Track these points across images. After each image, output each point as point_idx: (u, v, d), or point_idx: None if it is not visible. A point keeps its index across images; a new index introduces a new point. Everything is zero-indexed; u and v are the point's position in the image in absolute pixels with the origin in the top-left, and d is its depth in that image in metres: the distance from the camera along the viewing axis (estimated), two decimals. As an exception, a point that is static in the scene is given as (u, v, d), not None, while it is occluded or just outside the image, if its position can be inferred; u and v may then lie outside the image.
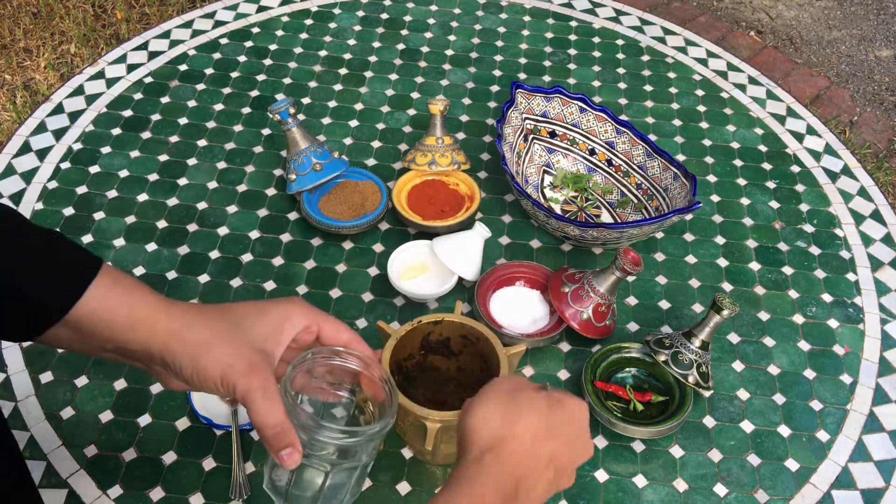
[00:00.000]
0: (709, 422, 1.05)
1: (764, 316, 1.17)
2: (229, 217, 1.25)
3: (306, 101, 1.46)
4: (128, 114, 1.41)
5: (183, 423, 1.01)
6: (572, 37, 1.63)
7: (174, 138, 1.37)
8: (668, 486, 0.99)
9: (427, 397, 0.95)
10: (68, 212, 1.24)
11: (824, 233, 1.29)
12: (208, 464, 0.97)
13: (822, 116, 1.55)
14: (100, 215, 1.24)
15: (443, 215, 1.24)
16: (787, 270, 1.23)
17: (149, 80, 1.48)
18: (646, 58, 1.59)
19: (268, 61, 1.53)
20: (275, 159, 1.35)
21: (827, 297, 1.20)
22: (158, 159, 1.33)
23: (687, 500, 0.98)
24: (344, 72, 1.52)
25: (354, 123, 1.42)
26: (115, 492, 0.94)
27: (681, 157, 1.40)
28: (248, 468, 0.97)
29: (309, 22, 1.62)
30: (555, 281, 1.12)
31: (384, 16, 1.65)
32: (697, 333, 1.03)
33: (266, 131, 1.39)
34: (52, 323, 0.60)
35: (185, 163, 1.33)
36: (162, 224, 1.24)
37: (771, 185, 1.36)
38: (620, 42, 1.62)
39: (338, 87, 1.49)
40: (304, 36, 1.59)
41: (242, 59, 1.53)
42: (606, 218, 1.27)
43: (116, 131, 1.38)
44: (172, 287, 1.15)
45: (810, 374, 1.11)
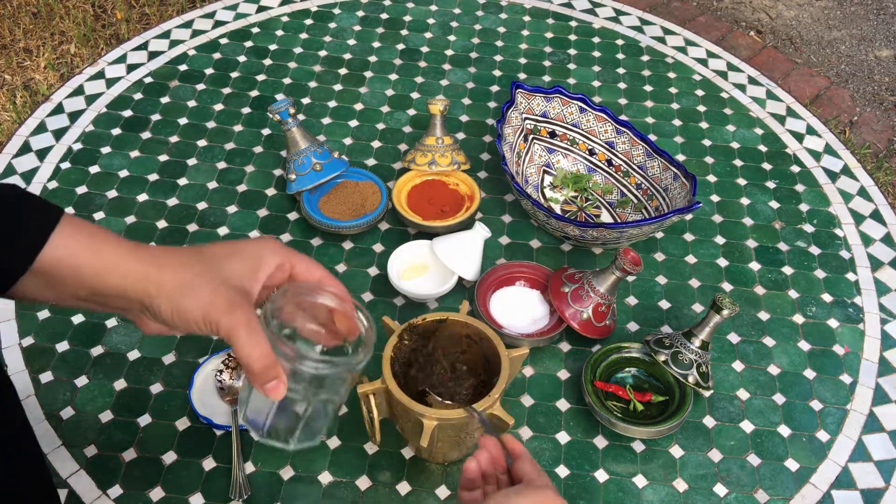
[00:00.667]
0: (709, 422, 1.05)
1: (764, 316, 1.17)
2: (229, 217, 1.25)
3: (306, 101, 1.46)
4: (128, 114, 1.41)
5: (183, 423, 1.01)
6: (572, 37, 1.63)
7: (174, 138, 1.37)
8: (668, 486, 0.99)
9: (432, 387, 0.95)
10: (68, 212, 1.24)
11: (824, 233, 1.29)
12: (208, 464, 0.98)
13: (822, 116, 1.55)
14: (100, 215, 1.24)
15: (443, 215, 1.24)
16: (787, 270, 1.23)
17: (149, 80, 1.48)
18: (646, 58, 1.59)
19: (268, 61, 1.53)
20: (275, 159, 1.35)
21: (827, 297, 1.20)
22: (158, 159, 1.33)
23: (687, 500, 0.98)
24: (344, 72, 1.52)
25: (354, 123, 1.42)
26: (115, 492, 0.94)
27: (681, 157, 1.40)
28: (248, 468, 0.97)
29: (309, 22, 1.62)
30: (555, 281, 1.12)
31: (384, 16, 1.65)
32: (697, 333, 1.03)
33: (266, 131, 1.39)
34: (17, 275, 0.60)
35: (185, 163, 1.33)
36: (162, 224, 1.24)
37: (771, 185, 1.36)
38: (620, 42, 1.62)
39: (338, 87, 1.49)
40: (304, 36, 1.59)
41: (242, 59, 1.53)
42: (606, 218, 1.27)
43: (116, 131, 1.38)
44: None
45: (810, 374, 1.11)
